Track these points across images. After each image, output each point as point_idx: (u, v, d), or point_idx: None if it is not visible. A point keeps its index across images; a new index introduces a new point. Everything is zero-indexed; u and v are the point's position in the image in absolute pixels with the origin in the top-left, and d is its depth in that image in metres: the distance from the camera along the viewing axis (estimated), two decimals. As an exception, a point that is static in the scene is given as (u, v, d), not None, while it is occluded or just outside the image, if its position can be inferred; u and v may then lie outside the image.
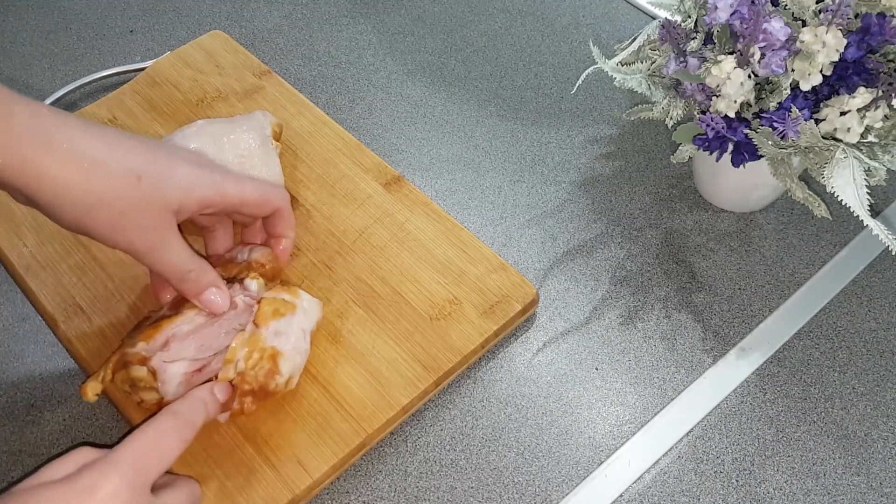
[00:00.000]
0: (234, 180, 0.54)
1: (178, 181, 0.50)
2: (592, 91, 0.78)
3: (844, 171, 0.53)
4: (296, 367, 0.54)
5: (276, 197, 0.57)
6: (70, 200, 0.47)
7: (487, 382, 0.60)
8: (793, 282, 0.65)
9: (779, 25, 0.53)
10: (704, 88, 0.57)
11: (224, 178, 0.53)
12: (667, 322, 0.63)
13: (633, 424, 0.58)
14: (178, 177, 0.50)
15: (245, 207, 0.55)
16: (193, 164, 0.52)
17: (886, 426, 0.57)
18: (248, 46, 0.80)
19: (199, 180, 0.51)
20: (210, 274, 0.54)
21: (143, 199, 0.48)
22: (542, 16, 0.86)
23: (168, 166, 0.50)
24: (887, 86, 0.53)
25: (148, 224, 0.49)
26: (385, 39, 0.84)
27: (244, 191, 0.54)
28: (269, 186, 0.57)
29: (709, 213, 0.69)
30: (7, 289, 0.64)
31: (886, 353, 0.61)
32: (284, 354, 0.52)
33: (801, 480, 0.55)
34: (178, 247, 0.51)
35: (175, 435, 0.46)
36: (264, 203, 0.56)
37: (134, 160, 0.49)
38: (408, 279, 0.62)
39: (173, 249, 0.51)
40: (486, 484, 0.55)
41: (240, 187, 0.54)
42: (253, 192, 0.55)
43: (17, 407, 0.59)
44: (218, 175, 0.53)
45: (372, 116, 0.77)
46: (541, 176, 0.72)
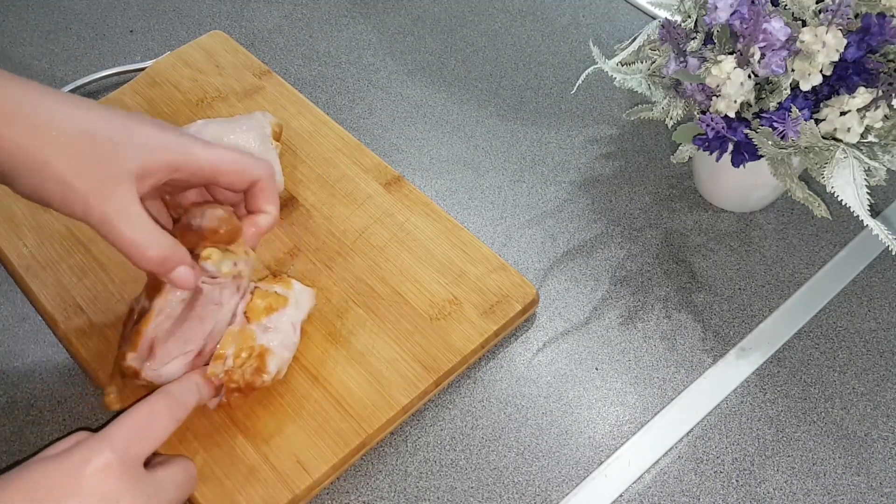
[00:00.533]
0: (204, 144, 0.49)
1: (137, 142, 0.46)
2: (592, 91, 0.78)
3: (844, 171, 0.53)
4: (283, 362, 0.54)
5: (254, 166, 0.52)
6: (21, 163, 0.44)
7: (487, 382, 0.60)
8: (793, 282, 0.65)
9: (779, 25, 0.53)
10: (704, 88, 0.57)
11: (193, 141, 0.49)
12: (667, 322, 0.63)
13: (633, 424, 0.58)
14: (138, 138, 0.46)
15: (220, 176, 0.50)
16: (158, 126, 0.48)
17: (886, 426, 0.57)
18: (248, 46, 0.80)
19: (163, 142, 0.47)
20: (177, 252, 0.49)
21: (97, 160, 0.45)
22: (542, 16, 0.86)
23: (127, 127, 0.46)
24: (887, 86, 0.53)
25: (102, 190, 0.45)
26: (385, 39, 0.84)
27: (216, 155, 0.49)
28: (248, 155, 0.52)
29: (709, 213, 0.69)
30: (7, 289, 0.64)
31: (886, 353, 0.61)
32: (272, 351, 0.53)
33: (801, 480, 0.55)
34: (139, 219, 0.46)
35: (167, 414, 0.47)
36: (241, 171, 0.51)
37: (88, 120, 0.45)
38: (408, 279, 0.62)
39: (132, 221, 0.46)
40: (486, 484, 0.55)
41: (211, 151, 0.49)
42: (227, 157, 0.50)
43: (17, 407, 0.59)
44: (186, 138, 0.49)
45: (372, 116, 0.77)
46: (541, 176, 0.72)
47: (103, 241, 0.63)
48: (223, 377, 0.51)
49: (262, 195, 0.53)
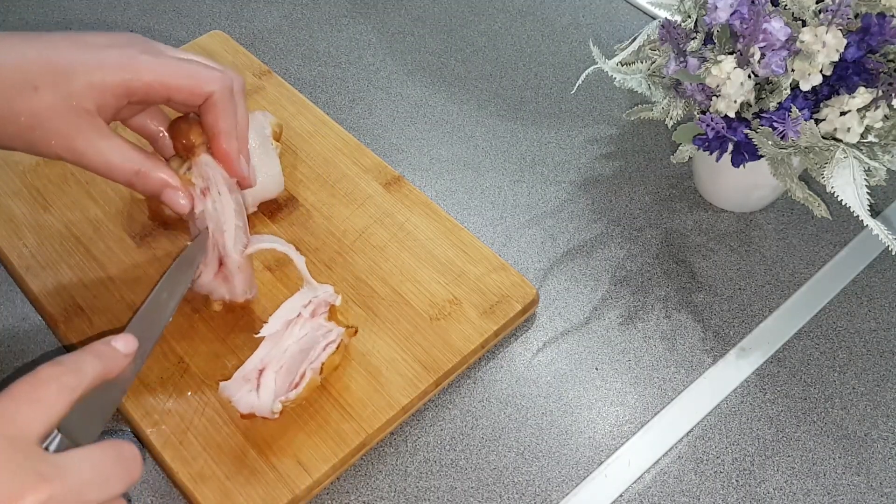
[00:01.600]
0: (150, 58, 0.47)
1: (81, 79, 0.45)
2: (592, 91, 0.78)
3: (844, 171, 0.53)
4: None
5: (207, 79, 0.48)
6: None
7: (487, 382, 0.60)
8: (793, 282, 0.65)
9: (779, 25, 0.53)
10: (704, 88, 0.57)
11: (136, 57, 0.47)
12: (667, 322, 0.63)
13: (633, 424, 0.58)
14: (81, 74, 0.45)
15: (173, 93, 0.47)
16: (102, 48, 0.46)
17: (886, 426, 0.57)
18: (248, 46, 0.80)
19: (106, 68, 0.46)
20: (159, 171, 0.48)
21: (47, 109, 0.44)
22: (542, 16, 0.86)
23: (68, 65, 0.45)
24: (887, 86, 0.53)
25: (65, 132, 0.45)
26: (385, 39, 0.84)
27: (163, 69, 0.47)
28: (203, 67, 0.49)
29: (709, 213, 0.69)
30: (7, 289, 0.64)
31: (886, 353, 0.61)
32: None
33: (801, 480, 0.55)
34: (111, 148, 0.47)
35: (54, 382, 0.39)
36: (192, 86, 0.48)
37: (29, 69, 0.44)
38: (408, 279, 0.62)
39: (104, 152, 0.46)
40: (486, 484, 0.55)
41: (157, 66, 0.47)
42: (175, 70, 0.47)
43: None
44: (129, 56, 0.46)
45: (372, 116, 0.77)
46: (541, 176, 0.72)
47: (103, 241, 0.64)
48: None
49: (213, 111, 0.49)
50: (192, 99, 0.48)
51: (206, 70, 0.48)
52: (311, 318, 0.55)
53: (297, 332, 0.54)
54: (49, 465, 0.35)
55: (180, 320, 0.59)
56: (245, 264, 0.55)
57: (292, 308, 0.55)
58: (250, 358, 0.53)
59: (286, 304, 0.55)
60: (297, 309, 0.55)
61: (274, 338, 0.54)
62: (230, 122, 0.50)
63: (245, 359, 0.54)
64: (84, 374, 0.40)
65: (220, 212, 0.53)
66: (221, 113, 0.49)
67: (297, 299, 0.56)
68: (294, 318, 0.55)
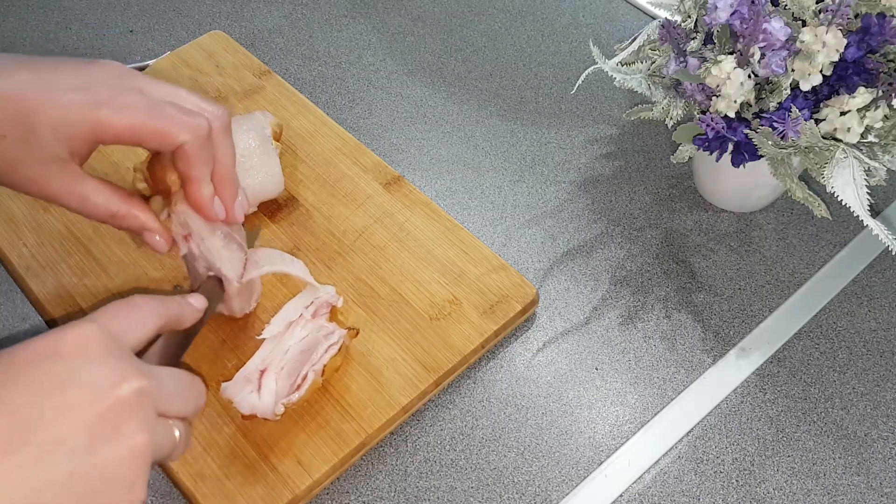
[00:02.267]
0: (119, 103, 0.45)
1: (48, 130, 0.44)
2: (592, 91, 0.78)
3: (844, 171, 0.53)
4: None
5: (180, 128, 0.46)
6: None
7: (487, 382, 0.60)
8: (793, 282, 0.65)
9: (779, 25, 0.53)
10: (704, 88, 0.57)
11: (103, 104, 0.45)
12: (667, 322, 0.63)
13: (633, 424, 0.58)
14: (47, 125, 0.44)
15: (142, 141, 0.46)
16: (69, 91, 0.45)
17: (886, 426, 0.57)
18: (248, 46, 0.80)
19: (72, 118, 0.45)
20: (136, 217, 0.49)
21: (16, 159, 0.45)
22: (542, 16, 0.86)
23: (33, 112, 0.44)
24: (887, 86, 0.53)
25: (36, 179, 0.45)
26: (385, 39, 0.84)
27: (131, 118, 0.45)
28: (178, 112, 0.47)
29: (709, 213, 0.69)
30: (7, 289, 0.64)
31: (886, 353, 0.61)
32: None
33: (801, 480, 0.55)
34: (86, 191, 0.47)
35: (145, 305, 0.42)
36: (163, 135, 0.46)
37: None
38: (408, 279, 0.62)
39: (80, 195, 0.47)
40: (486, 484, 0.55)
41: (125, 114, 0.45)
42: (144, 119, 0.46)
43: None
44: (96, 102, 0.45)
45: (372, 116, 0.77)
46: (541, 176, 0.72)
47: (103, 241, 0.64)
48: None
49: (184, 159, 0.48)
50: (163, 147, 0.47)
51: (178, 117, 0.46)
52: (313, 318, 0.55)
53: (298, 332, 0.54)
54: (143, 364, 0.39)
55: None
56: (244, 287, 0.55)
57: (294, 309, 0.55)
58: (251, 359, 0.53)
59: (288, 305, 0.55)
60: (299, 310, 0.55)
61: (275, 339, 0.54)
62: (203, 170, 0.49)
63: (245, 359, 0.54)
64: (168, 308, 0.44)
65: (207, 253, 0.53)
66: (193, 162, 0.48)
67: (299, 301, 0.56)
68: (295, 320, 0.55)
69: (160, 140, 0.46)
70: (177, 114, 0.46)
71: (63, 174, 0.46)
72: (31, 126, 0.44)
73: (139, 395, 0.37)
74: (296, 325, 0.55)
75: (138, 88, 0.47)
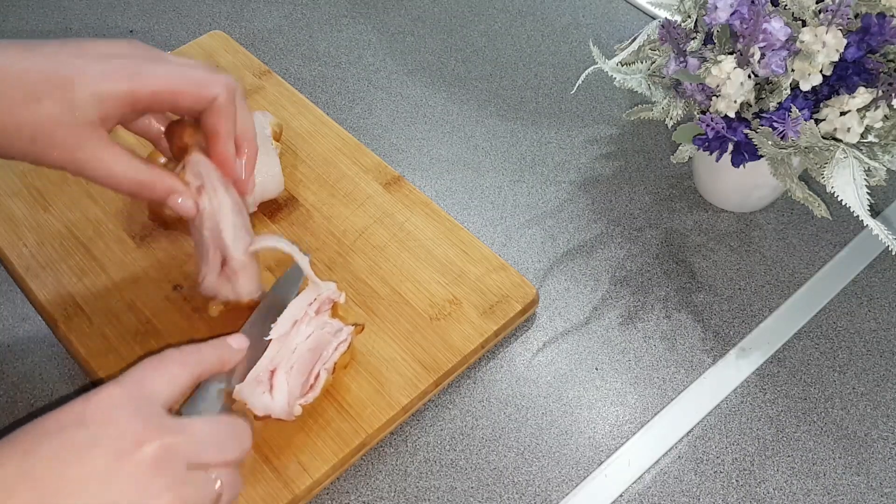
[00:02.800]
0: (154, 66, 0.47)
1: (85, 90, 0.45)
2: (592, 91, 0.78)
3: (844, 171, 0.53)
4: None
5: (212, 82, 0.49)
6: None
7: (487, 382, 0.60)
8: (793, 282, 0.65)
9: (779, 25, 0.53)
10: (704, 88, 0.57)
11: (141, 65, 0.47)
12: (667, 322, 0.63)
13: (633, 424, 0.58)
14: (85, 85, 0.45)
15: (178, 99, 0.48)
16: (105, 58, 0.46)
17: (886, 426, 0.57)
18: (248, 46, 0.80)
19: (110, 78, 0.46)
20: (163, 182, 0.49)
21: (51, 120, 0.45)
22: (542, 16, 0.86)
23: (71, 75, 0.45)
24: (887, 86, 0.53)
25: (68, 144, 0.45)
26: (385, 39, 0.84)
27: (168, 77, 0.47)
28: (206, 70, 0.49)
29: (709, 213, 0.69)
30: (7, 289, 0.64)
31: (886, 353, 0.61)
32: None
33: (801, 480, 0.55)
34: (115, 159, 0.47)
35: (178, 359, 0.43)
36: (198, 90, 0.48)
37: (32, 80, 0.45)
38: (408, 279, 0.62)
39: (109, 164, 0.47)
40: (486, 484, 0.55)
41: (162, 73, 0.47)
42: (180, 77, 0.48)
43: (18, 407, 0.59)
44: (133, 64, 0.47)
45: (372, 116, 0.77)
46: (541, 176, 0.72)
47: (103, 241, 0.64)
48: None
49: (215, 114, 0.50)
50: (197, 104, 0.49)
51: (209, 74, 0.49)
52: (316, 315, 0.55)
53: (304, 330, 0.54)
54: (171, 420, 0.39)
55: (180, 320, 0.59)
56: (249, 263, 0.55)
57: (299, 308, 0.55)
58: (260, 360, 0.53)
59: (292, 303, 0.55)
60: (304, 308, 0.55)
61: (282, 338, 0.54)
62: (230, 125, 0.50)
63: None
64: (203, 358, 0.45)
65: (217, 210, 0.53)
66: (224, 116, 0.50)
67: (303, 298, 0.56)
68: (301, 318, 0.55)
69: (195, 97, 0.48)
70: (207, 72, 0.49)
71: (93, 140, 0.46)
72: (69, 87, 0.45)
73: (164, 453, 0.37)
74: (301, 322, 0.54)
75: (165, 58, 0.49)
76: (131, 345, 0.58)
